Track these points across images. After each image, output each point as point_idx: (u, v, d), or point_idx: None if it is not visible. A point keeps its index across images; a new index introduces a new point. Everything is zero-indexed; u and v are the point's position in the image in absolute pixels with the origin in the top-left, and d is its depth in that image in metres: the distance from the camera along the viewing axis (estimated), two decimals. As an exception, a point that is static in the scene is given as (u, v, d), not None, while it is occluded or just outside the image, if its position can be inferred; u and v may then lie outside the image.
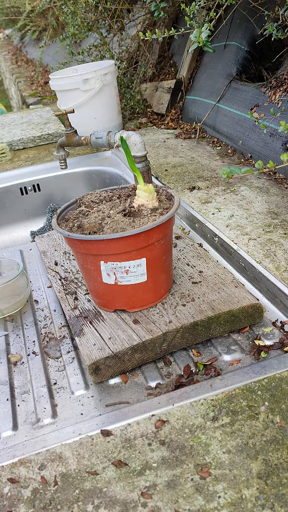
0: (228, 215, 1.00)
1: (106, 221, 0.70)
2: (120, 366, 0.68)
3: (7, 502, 0.53)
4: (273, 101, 1.25)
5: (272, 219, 0.95)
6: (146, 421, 0.60)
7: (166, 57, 2.10)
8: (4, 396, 0.69)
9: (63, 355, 0.75)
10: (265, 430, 0.57)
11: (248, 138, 1.31)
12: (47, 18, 3.40)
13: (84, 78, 1.58)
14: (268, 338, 0.72)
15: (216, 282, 0.79)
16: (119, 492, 0.53)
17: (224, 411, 0.60)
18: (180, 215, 1.10)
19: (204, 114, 1.59)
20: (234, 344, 0.72)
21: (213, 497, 0.51)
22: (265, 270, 0.80)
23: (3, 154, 1.69)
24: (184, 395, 0.63)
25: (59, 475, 0.55)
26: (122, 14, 2.08)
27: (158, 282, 0.74)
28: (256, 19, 1.37)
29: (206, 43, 0.99)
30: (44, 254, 1.00)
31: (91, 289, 0.76)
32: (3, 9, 4.11)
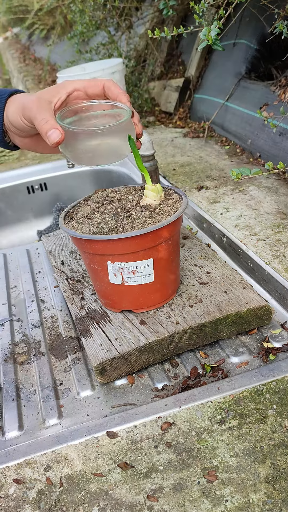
0: (237, 215, 0.99)
1: (113, 221, 0.70)
2: (127, 367, 0.68)
3: (12, 503, 0.53)
4: (282, 100, 1.23)
5: (281, 220, 0.94)
6: (152, 423, 0.60)
7: (175, 56, 2.09)
8: (10, 396, 0.69)
9: (69, 355, 0.75)
10: (273, 434, 0.56)
11: (257, 137, 1.30)
12: (55, 17, 3.40)
13: (92, 77, 1.57)
14: (277, 340, 0.71)
15: (224, 283, 0.78)
16: (125, 494, 0.52)
17: (232, 414, 0.60)
18: (188, 215, 1.09)
19: (213, 113, 1.58)
20: (242, 346, 0.72)
21: (220, 501, 0.50)
22: (274, 271, 0.79)
23: (10, 152, 1.69)
24: (191, 397, 0.62)
25: (64, 476, 0.55)
26: (130, 12, 2.07)
27: (166, 283, 0.73)
28: (266, 17, 1.36)
29: (215, 41, 0.98)
30: (50, 254, 0.99)
31: (98, 289, 0.76)
32: (11, 7, 4.12)
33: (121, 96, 0.68)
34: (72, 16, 2.20)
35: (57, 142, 0.63)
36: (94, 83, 0.69)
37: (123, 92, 0.68)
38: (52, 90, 0.68)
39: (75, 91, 0.69)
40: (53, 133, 0.63)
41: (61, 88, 0.69)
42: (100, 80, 0.69)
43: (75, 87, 0.69)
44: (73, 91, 0.69)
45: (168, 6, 1.22)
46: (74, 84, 0.69)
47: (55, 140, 0.63)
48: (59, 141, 0.63)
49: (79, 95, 0.70)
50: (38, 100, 0.65)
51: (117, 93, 0.68)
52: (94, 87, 0.69)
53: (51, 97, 0.67)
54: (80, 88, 0.69)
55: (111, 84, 0.69)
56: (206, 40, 0.98)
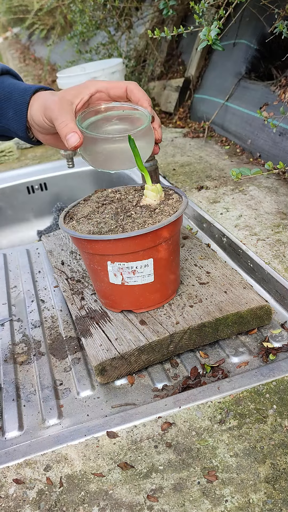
0: (237, 215, 0.99)
1: (113, 221, 0.70)
2: (127, 368, 0.68)
3: (12, 503, 0.53)
4: (282, 100, 1.23)
5: (281, 220, 0.94)
6: (152, 423, 0.60)
7: (175, 56, 2.09)
8: (10, 396, 0.69)
9: (69, 355, 0.75)
10: (273, 434, 0.56)
11: (257, 137, 1.30)
12: (55, 17, 3.40)
13: (92, 77, 1.57)
14: (277, 340, 0.71)
15: (224, 283, 0.78)
16: (125, 494, 0.52)
17: (232, 414, 0.60)
18: (188, 215, 1.09)
19: (213, 113, 1.58)
20: (242, 346, 0.72)
21: (220, 501, 0.50)
22: (274, 271, 0.79)
23: (11, 152, 1.69)
24: (191, 397, 0.62)
25: (64, 476, 0.55)
26: (130, 12, 2.07)
27: (165, 283, 0.73)
28: (266, 17, 1.36)
29: (215, 41, 0.98)
30: (50, 254, 0.99)
31: (98, 289, 0.76)
32: (11, 7, 4.11)
33: (143, 100, 0.68)
34: (72, 16, 2.20)
35: (75, 146, 0.64)
36: (117, 85, 0.69)
37: (145, 96, 0.68)
38: (75, 90, 0.68)
39: (98, 92, 0.69)
40: (72, 137, 0.63)
41: (84, 88, 0.69)
42: (124, 82, 0.69)
43: (98, 88, 0.69)
44: (96, 92, 0.69)
45: (168, 6, 1.22)
46: (97, 85, 0.69)
47: (73, 144, 0.64)
48: (77, 145, 0.64)
49: (101, 96, 0.70)
50: (60, 100, 0.65)
51: (139, 96, 0.68)
52: (117, 88, 0.69)
53: (74, 98, 0.67)
54: (102, 89, 0.69)
55: (134, 87, 0.69)
56: (206, 40, 0.98)
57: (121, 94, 0.69)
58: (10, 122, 0.69)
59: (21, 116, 0.68)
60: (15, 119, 0.68)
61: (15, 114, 0.68)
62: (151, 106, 0.69)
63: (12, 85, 0.69)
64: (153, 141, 0.70)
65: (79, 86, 0.69)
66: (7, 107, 0.68)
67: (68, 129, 0.63)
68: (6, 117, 0.69)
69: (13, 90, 0.68)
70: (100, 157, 0.68)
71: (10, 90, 0.68)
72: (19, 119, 0.68)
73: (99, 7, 2.00)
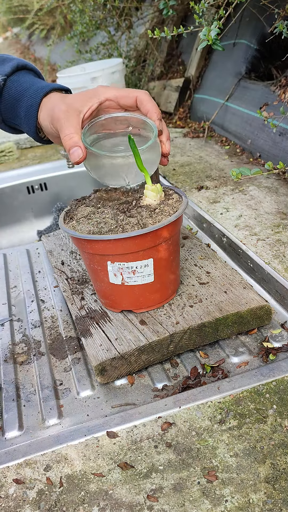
0: (237, 215, 0.99)
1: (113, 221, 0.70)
2: (127, 368, 0.68)
3: (12, 503, 0.53)
4: (282, 100, 1.23)
5: (281, 220, 0.94)
6: (152, 423, 0.60)
7: (175, 56, 2.09)
8: (10, 396, 0.69)
9: (69, 355, 0.75)
10: (273, 434, 0.56)
11: (257, 137, 1.30)
12: (55, 17, 3.39)
13: (92, 77, 1.57)
14: (277, 340, 0.71)
15: (224, 283, 0.78)
16: (125, 494, 0.52)
17: (232, 414, 0.60)
18: (188, 215, 1.09)
19: (213, 113, 1.58)
20: (242, 346, 0.72)
21: (220, 501, 0.50)
22: (274, 271, 0.79)
23: (11, 152, 1.69)
24: (191, 397, 0.62)
25: (64, 476, 0.55)
26: (130, 12, 2.07)
27: (165, 283, 0.73)
28: (266, 17, 1.36)
29: (215, 41, 0.98)
30: (50, 254, 0.99)
31: (98, 289, 0.76)
32: (11, 7, 4.11)
33: (152, 112, 0.66)
34: (72, 16, 2.20)
35: (78, 161, 0.63)
36: (127, 94, 0.68)
37: (154, 107, 0.67)
38: (84, 96, 0.67)
39: (107, 101, 0.68)
40: (75, 151, 0.63)
41: (94, 96, 0.68)
42: (134, 91, 0.68)
43: (108, 96, 0.68)
44: (105, 101, 0.68)
45: (168, 6, 1.22)
46: (107, 93, 0.68)
47: (76, 160, 0.63)
48: (79, 161, 0.63)
49: (110, 104, 0.69)
50: (67, 110, 0.64)
51: (148, 108, 0.67)
52: (126, 98, 0.68)
53: (82, 106, 0.66)
54: (112, 98, 0.68)
55: (144, 98, 0.67)
56: (206, 40, 0.98)
57: (131, 104, 0.68)
58: (22, 122, 0.69)
59: (31, 118, 0.67)
60: (26, 121, 0.68)
61: (26, 116, 0.68)
62: (160, 118, 0.67)
63: (25, 84, 0.68)
64: (159, 154, 0.70)
65: (89, 93, 0.68)
66: (19, 107, 0.68)
67: (71, 143, 0.63)
68: (19, 117, 0.69)
69: (26, 89, 0.68)
70: (103, 171, 0.68)
71: (23, 90, 0.68)
72: (29, 121, 0.68)
73: (99, 7, 2.00)
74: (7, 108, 0.69)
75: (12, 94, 0.68)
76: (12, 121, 0.71)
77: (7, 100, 0.68)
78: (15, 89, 0.68)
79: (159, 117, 0.67)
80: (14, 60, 0.71)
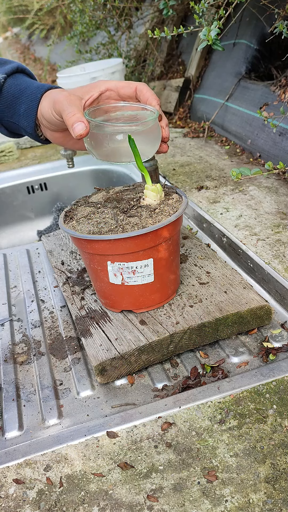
0: (237, 215, 0.99)
1: (113, 221, 0.70)
2: (127, 367, 0.68)
3: (12, 503, 0.53)
4: (282, 100, 1.23)
5: (281, 220, 0.94)
6: (152, 423, 0.60)
7: (175, 56, 2.09)
8: (10, 396, 0.69)
9: (69, 355, 0.75)
10: (273, 434, 0.56)
11: (257, 137, 1.30)
12: (55, 17, 3.39)
13: (92, 77, 1.57)
14: (277, 340, 0.71)
15: (224, 283, 0.78)
16: (125, 494, 0.52)
17: (232, 414, 0.60)
18: (188, 215, 1.09)
19: (213, 113, 1.58)
20: (242, 346, 0.72)
21: (220, 501, 0.50)
22: (274, 271, 0.79)
23: (11, 152, 1.69)
24: (191, 397, 0.62)
25: (64, 476, 0.55)
26: (130, 12, 2.07)
27: (166, 283, 0.73)
28: (266, 17, 1.36)
29: (216, 41, 0.98)
30: (50, 254, 0.99)
31: (98, 289, 0.76)
32: (11, 7, 4.11)
33: (151, 99, 0.69)
34: (72, 16, 2.20)
35: (81, 134, 0.64)
36: (127, 84, 0.70)
37: (153, 95, 0.70)
38: (85, 87, 0.70)
39: (108, 91, 0.71)
40: (78, 125, 0.64)
41: (94, 87, 0.70)
42: (134, 82, 0.71)
43: (108, 86, 0.70)
44: (106, 91, 0.71)
45: (168, 6, 1.22)
46: (108, 84, 0.71)
47: (79, 132, 0.64)
48: (83, 134, 0.64)
49: (111, 95, 0.71)
50: (69, 95, 0.67)
51: (148, 96, 0.69)
52: (126, 88, 0.70)
53: (83, 94, 0.69)
54: (112, 88, 0.71)
55: (143, 87, 0.70)
56: (206, 40, 0.98)
57: (131, 94, 0.71)
58: (20, 118, 0.70)
59: (31, 113, 0.69)
60: (25, 116, 0.70)
61: (26, 111, 0.69)
62: (160, 105, 0.70)
63: (25, 83, 0.71)
64: (160, 138, 0.70)
65: (90, 85, 0.72)
66: (19, 103, 0.70)
67: (75, 118, 0.64)
68: (18, 113, 0.70)
69: (27, 87, 0.70)
70: (105, 149, 0.68)
71: (23, 88, 0.70)
72: (29, 116, 0.69)
73: (99, 7, 2.00)
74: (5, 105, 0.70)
75: (12, 92, 0.70)
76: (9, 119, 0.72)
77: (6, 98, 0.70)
78: (15, 88, 0.70)
79: (159, 103, 0.70)
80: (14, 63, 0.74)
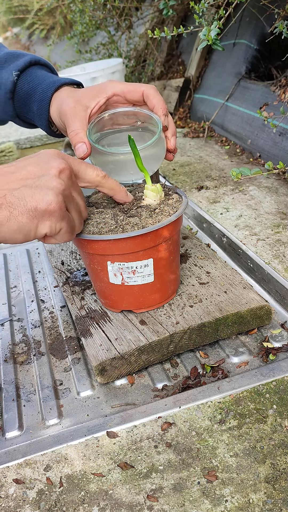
0: (237, 215, 0.99)
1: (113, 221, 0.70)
2: (127, 367, 0.68)
3: (12, 503, 0.53)
4: (282, 100, 1.23)
5: (281, 220, 0.94)
6: (152, 423, 0.60)
7: (175, 56, 2.09)
8: (10, 396, 0.69)
9: (69, 355, 0.75)
10: (273, 434, 0.56)
11: (257, 137, 1.30)
12: (55, 17, 3.40)
13: (92, 77, 1.57)
14: (277, 340, 0.71)
15: (224, 283, 0.78)
16: (125, 494, 0.52)
17: (232, 414, 0.60)
18: (188, 215, 1.09)
19: (213, 113, 1.58)
20: (242, 346, 0.72)
21: (220, 501, 0.50)
22: (274, 271, 0.79)
23: (11, 152, 1.69)
24: (191, 397, 0.62)
25: (64, 476, 0.55)
26: (130, 12, 2.07)
27: (165, 283, 0.73)
28: (266, 17, 1.36)
29: (216, 41, 0.98)
30: (50, 254, 0.99)
31: (98, 289, 0.76)
32: (11, 7, 4.11)
33: (157, 108, 0.67)
34: (72, 16, 2.20)
35: (83, 157, 0.64)
36: (134, 88, 0.69)
37: (160, 103, 0.67)
38: (92, 92, 0.69)
39: (115, 96, 0.69)
40: (80, 147, 0.64)
41: (101, 91, 0.69)
42: (142, 86, 0.69)
43: (115, 91, 0.69)
44: (113, 96, 0.69)
45: (168, 6, 1.22)
46: (115, 88, 0.69)
47: (81, 156, 0.64)
48: (84, 157, 0.64)
49: (118, 99, 0.70)
50: (74, 106, 0.66)
51: (154, 103, 0.67)
52: (133, 92, 0.69)
53: (89, 101, 0.67)
54: (119, 93, 0.69)
55: (151, 93, 0.68)
56: (206, 40, 0.98)
57: (138, 99, 0.69)
58: (35, 116, 0.70)
59: (43, 113, 0.69)
60: (38, 115, 0.70)
61: (38, 110, 0.69)
62: (166, 114, 0.68)
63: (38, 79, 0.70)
64: (165, 149, 0.70)
65: (97, 87, 0.70)
66: (32, 102, 0.69)
67: (77, 139, 0.64)
68: (32, 111, 0.70)
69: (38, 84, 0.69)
70: (108, 167, 0.69)
71: (35, 85, 0.69)
72: (41, 116, 0.69)
73: (99, 7, 2.00)
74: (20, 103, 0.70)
75: (25, 89, 0.69)
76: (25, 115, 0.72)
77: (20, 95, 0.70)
78: (28, 84, 0.69)
79: (165, 113, 0.68)
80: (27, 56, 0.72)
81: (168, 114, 0.70)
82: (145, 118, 0.71)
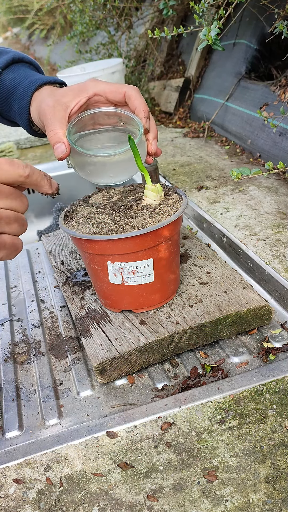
0: (237, 215, 0.99)
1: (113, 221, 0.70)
2: (127, 367, 0.68)
3: (12, 503, 0.53)
4: (282, 100, 1.23)
5: (281, 220, 0.94)
6: (152, 423, 0.60)
7: (175, 56, 2.09)
8: (10, 396, 0.69)
9: (69, 355, 0.75)
10: (273, 434, 0.56)
11: (257, 137, 1.30)
12: (55, 17, 3.40)
13: (92, 77, 1.57)
14: (277, 340, 0.71)
15: (224, 283, 0.78)
16: (125, 494, 0.52)
17: (232, 414, 0.60)
18: (188, 215, 1.09)
19: (213, 113, 1.58)
20: (242, 346, 0.72)
21: (220, 501, 0.50)
22: (274, 271, 0.79)
23: (11, 152, 1.69)
24: (191, 397, 0.62)
25: (64, 476, 0.55)
26: (130, 12, 2.07)
27: (165, 283, 0.73)
28: (265, 17, 1.36)
29: (215, 41, 0.98)
30: (50, 254, 0.99)
31: (98, 289, 0.76)
32: (11, 7, 4.11)
33: (139, 110, 0.66)
34: (72, 16, 2.20)
35: (61, 158, 0.63)
36: (116, 89, 0.67)
37: (141, 105, 0.66)
38: (73, 91, 0.67)
39: (96, 95, 0.68)
40: (59, 147, 0.63)
41: (82, 91, 0.67)
42: (124, 86, 0.67)
43: (96, 91, 0.67)
44: (94, 95, 0.68)
45: (168, 6, 1.22)
46: (97, 87, 0.67)
47: (59, 156, 0.63)
48: (63, 157, 0.63)
49: (99, 99, 0.68)
50: (54, 106, 0.64)
51: (136, 105, 0.66)
52: (115, 93, 0.67)
53: (70, 101, 0.66)
54: (101, 92, 0.67)
55: (133, 94, 0.66)
56: (206, 40, 0.98)
57: (120, 99, 0.67)
58: (16, 115, 0.69)
59: (24, 112, 0.67)
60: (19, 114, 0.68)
61: (19, 109, 0.68)
62: (148, 116, 0.66)
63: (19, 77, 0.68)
64: (145, 152, 0.69)
65: (79, 86, 0.68)
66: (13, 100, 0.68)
67: (56, 139, 0.63)
68: (13, 110, 0.69)
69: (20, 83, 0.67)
70: (88, 169, 0.68)
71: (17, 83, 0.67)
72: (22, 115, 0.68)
73: (99, 7, 2.00)
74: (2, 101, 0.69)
75: (6, 87, 0.68)
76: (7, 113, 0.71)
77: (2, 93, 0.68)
78: (9, 83, 0.68)
79: (146, 115, 0.66)
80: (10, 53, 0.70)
81: (150, 116, 0.68)
82: (127, 120, 0.70)
